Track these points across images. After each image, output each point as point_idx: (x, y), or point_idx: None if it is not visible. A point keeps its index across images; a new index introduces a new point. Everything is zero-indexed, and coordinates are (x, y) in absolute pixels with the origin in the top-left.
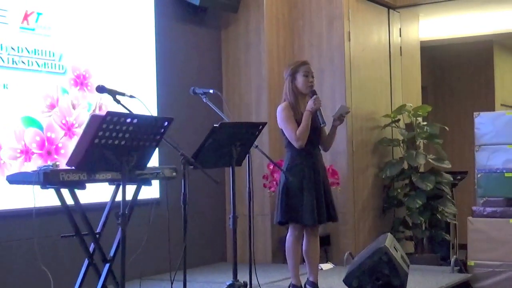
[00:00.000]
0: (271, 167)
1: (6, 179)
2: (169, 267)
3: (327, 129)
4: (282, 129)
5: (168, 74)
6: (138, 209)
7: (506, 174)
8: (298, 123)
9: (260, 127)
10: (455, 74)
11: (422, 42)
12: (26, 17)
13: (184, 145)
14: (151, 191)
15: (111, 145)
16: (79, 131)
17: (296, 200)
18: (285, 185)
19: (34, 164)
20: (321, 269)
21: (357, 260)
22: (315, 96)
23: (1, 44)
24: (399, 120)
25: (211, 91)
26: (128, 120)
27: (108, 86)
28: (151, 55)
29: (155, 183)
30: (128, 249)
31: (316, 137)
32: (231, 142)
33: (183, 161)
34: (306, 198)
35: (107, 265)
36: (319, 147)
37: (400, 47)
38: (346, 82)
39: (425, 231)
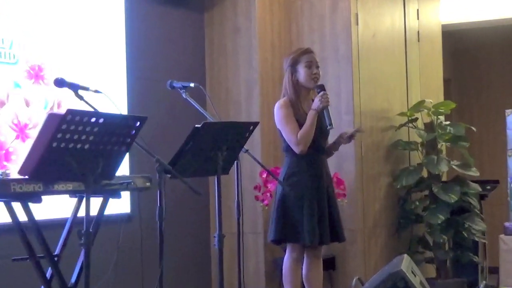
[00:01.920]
0: (265, 175)
1: None
2: None
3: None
4: (280, 130)
5: (140, 65)
6: (105, 226)
7: None
8: (300, 124)
9: (251, 127)
10: (483, 65)
11: (444, 26)
12: None
13: (160, 150)
14: (121, 204)
15: (73, 149)
16: (34, 133)
17: (295, 215)
18: (282, 198)
19: None
20: None
21: (368, 286)
22: (322, 92)
23: None
24: (417, 119)
25: (192, 84)
26: (93, 119)
27: (69, 79)
28: (120, 42)
29: (126, 195)
30: (93, 274)
31: (322, 141)
32: (216, 145)
33: (159, 168)
34: (307, 213)
35: None
36: (324, 152)
37: (418, 32)
38: (353, 74)
39: (448, 252)
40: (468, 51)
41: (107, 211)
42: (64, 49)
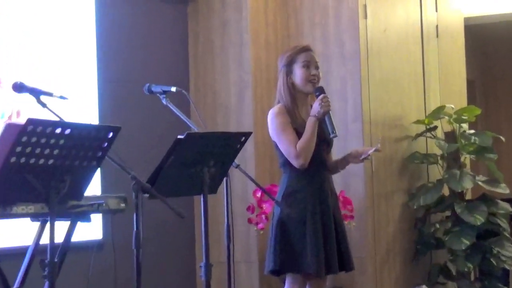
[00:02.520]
0: (259, 195)
1: None
2: None
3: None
4: (275, 142)
5: (113, 66)
6: (73, 254)
7: None
8: (298, 134)
9: (243, 138)
10: None
11: (466, 19)
12: None
13: (137, 165)
14: (91, 229)
15: (34, 165)
16: None
17: (297, 241)
18: (280, 221)
19: None
20: None
21: None
22: (322, 96)
23: None
24: (436, 127)
25: (173, 89)
26: (58, 130)
27: (30, 83)
28: (89, 39)
29: (97, 218)
30: None
31: (325, 153)
32: (202, 160)
33: (135, 187)
34: (310, 238)
35: None
36: (328, 166)
37: (437, 26)
38: (361, 75)
39: (474, 282)
40: (495, 48)
41: (75, 237)
42: (24, 49)
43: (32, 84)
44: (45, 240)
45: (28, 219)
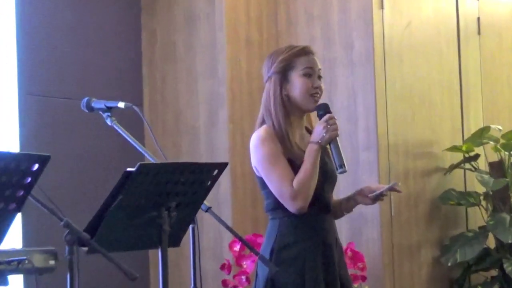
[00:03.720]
0: (238, 248)
1: None
2: None
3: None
4: (261, 178)
5: (38, 76)
6: None
7: None
8: (294, 166)
9: (215, 171)
10: None
11: None
12: None
13: (72, 208)
14: None
15: None
16: None
17: None
18: (266, 285)
19: None
20: None
21: None
22: (327, 116)
23: None
24: (478, 156)
25: (120, 104)
26: None
27: None
28: (8, 42)
29: (17, 279)
30: None
31: (327, 193)
32: (160, 201)
33: (69, 238)
34: None
35: None
36: (331, 210)
37: (478, 19)
38: (376, 85)
39: None
40: None
41: None
42: None
43: None
44: None
45: None
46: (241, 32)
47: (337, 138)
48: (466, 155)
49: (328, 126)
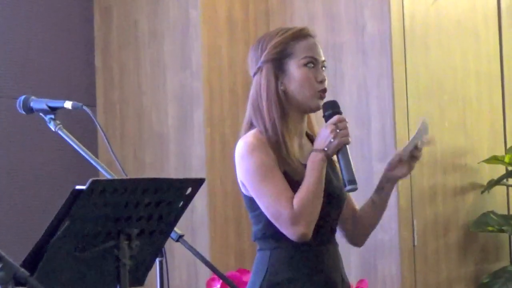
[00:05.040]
0: (217, 287)
1: None
2: None
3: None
4: (248, 197)
5: None
6: None
7: None
8: (292, 182)
9: (189, 190)
10: None
11: None
12: None
13: (7, 236)
14: None
15: None
16: None
17: None
18: None
19: None
20: None
21: None
22: (336, 117)
23: None
24: None
25: (67, 104)
26: None
27: None
28: None
29: None
30: None
31: (334, 217)
32: (117, 226)
33: (3, 275)
34: None
35: None
36: (336, 237)
37: None
38: (393, 77)
39: None
40: None
41: None
42: None
43: None
44: None
45: None
46: (221, 11)
47: (347, 146)
48: (510, 168)
49: (338, 131)
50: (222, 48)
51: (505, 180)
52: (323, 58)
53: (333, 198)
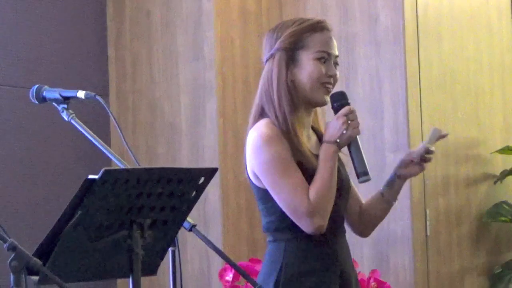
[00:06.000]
0: (229, 277)
1: None
2: None
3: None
4: (261, 190)
5: None
6: None
7: None
8: (305, 172)
9: (202, 179)
10: None
11: None
12: None
13: (19, 226)
14: None
15: None
16: None
17: None
18: None
19: None
20: None
21: None
22: (347, 109)
23: None
24: None
25: (80, 94)
26: None
27: None
28: None
29: None
30: None
31: (343, 208)
32: (130, 217)
33: (15, 264)
34: None
35: None
36: (345, 229)
37: None
38: (407, 70)
39: None
40: None
41: None
42: None
43: None
44: None
45: None
46: (234, 0)
47: (358, 137)
48: None
49: (349, 122)
50: (235, 39)
51: None
52: (336, 53)
53: (341, 188)
